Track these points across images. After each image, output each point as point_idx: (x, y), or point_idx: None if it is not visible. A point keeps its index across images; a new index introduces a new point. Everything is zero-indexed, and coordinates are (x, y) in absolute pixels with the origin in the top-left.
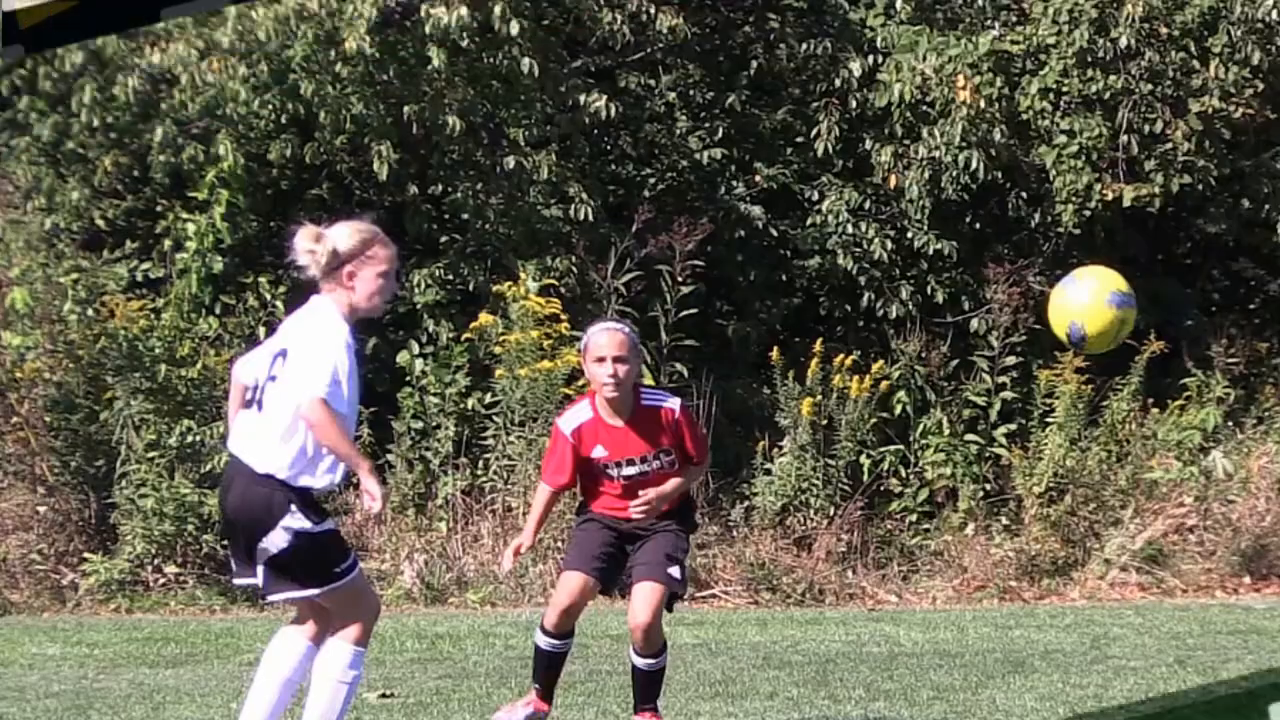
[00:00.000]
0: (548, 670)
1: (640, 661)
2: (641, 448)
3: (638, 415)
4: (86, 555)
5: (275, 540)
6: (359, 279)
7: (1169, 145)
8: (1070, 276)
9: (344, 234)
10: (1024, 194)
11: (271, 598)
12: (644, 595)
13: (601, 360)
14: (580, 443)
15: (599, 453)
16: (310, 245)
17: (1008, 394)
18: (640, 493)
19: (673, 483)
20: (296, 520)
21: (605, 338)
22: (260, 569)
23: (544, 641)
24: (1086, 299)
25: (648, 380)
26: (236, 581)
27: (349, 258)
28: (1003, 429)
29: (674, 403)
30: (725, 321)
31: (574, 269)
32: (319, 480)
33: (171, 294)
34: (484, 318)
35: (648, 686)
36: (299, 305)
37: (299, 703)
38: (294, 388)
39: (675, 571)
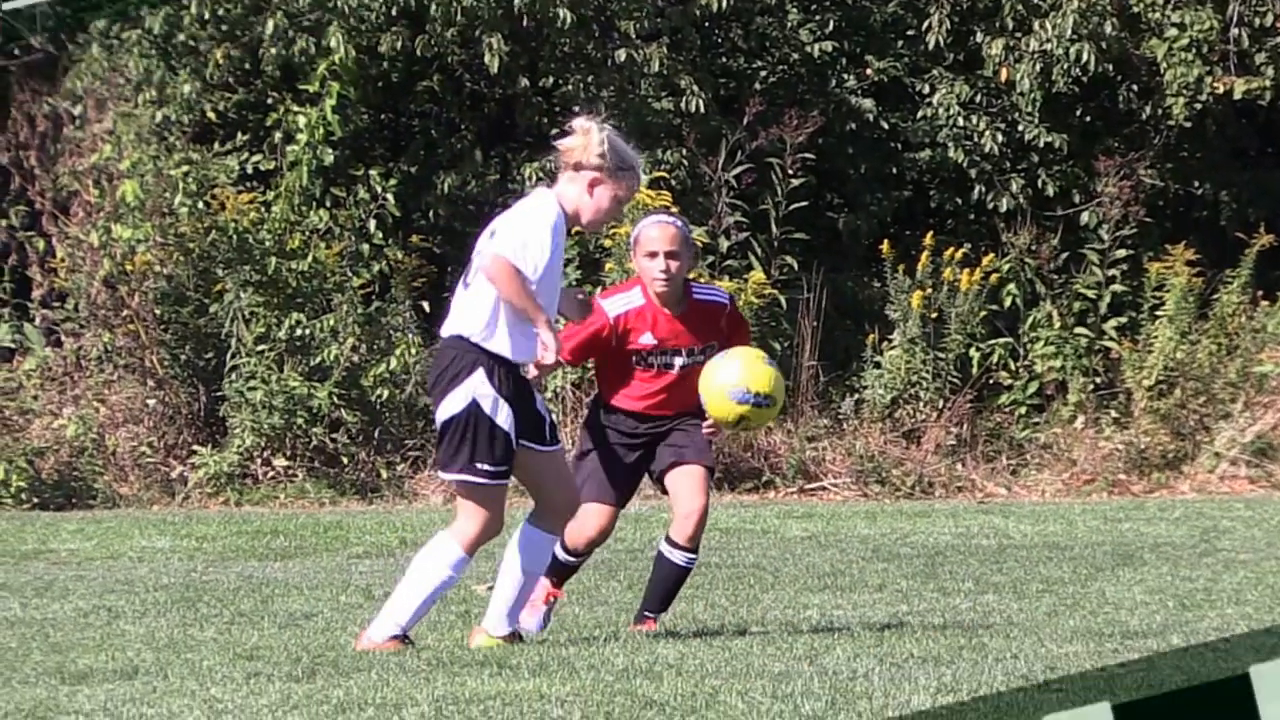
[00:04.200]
0: (563, 572)
1: (680, 556)
2: (691, 340)
3: (690, 310)
4: (195, 448)
5: (451, 404)
6: (598, 192)
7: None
8: (713, 363)
9: (614, 144)
10: (1134, 87)
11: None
12: (693, 479)
13: (654, 255)
14: (626, 330)
15: (646, 340)
16: (586, 133)
17: (1118, 287)
18: (671, 395)
19: None
20: (481, 384)
21: (657, 231)
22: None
23: (564, 556)
24: (736, 374)
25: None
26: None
27: (604, 167)
28: (1113, 322)
29: (724, 297)
30: (835, 214)
31: (684, 161)
32: (504, 345)
33: (282, 187)
34: None
35: (672, 589)
36: (412, 197)
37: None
38: (487, 251)
39: (712, 456)
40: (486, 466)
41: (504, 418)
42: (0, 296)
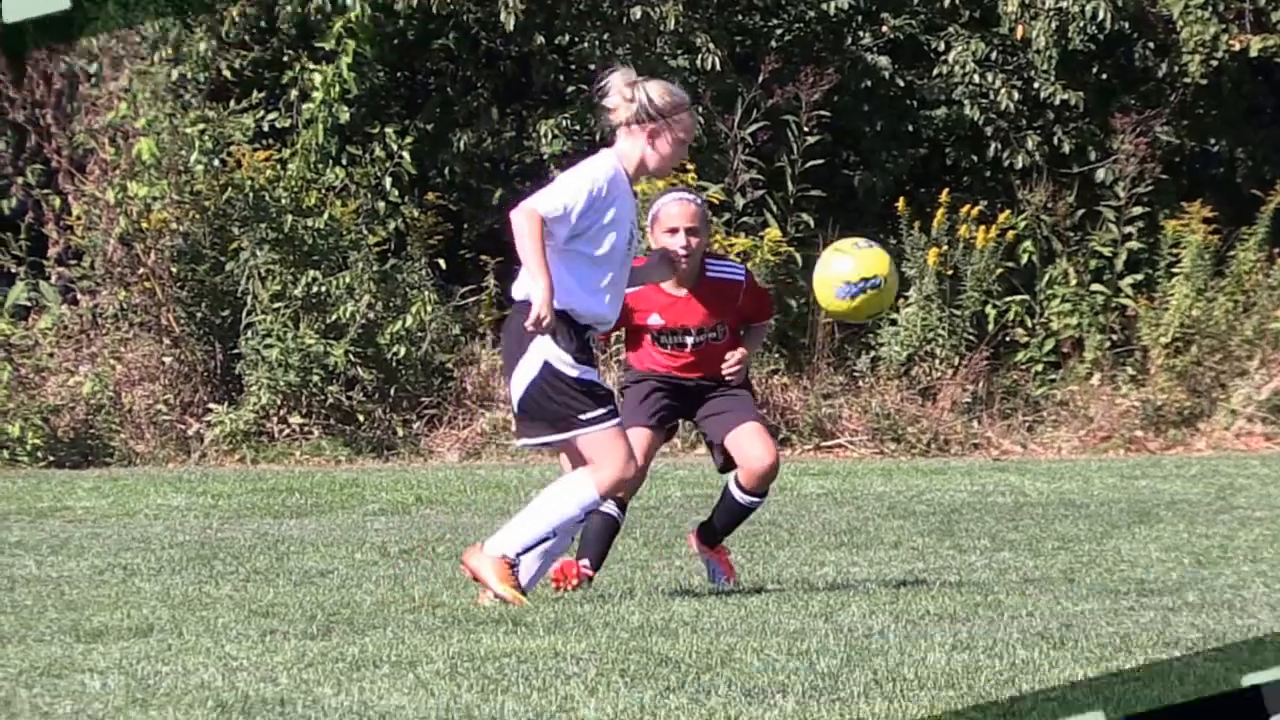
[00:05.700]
0: (601, 542)
1: (745, 498)
2: (700, 319)
3: (702, 287)
4: (211, 406)
5: (525, 372)
6: (660, 139)
7: None
8: (830, 250)
9: (659, 90)
10: (1151, 44)
11: (523, 442)
12: (758, 434)
13: (674, 231)
14: (631, 309)
15: (654, 321)
16: (626, 91)
17: (1134, 244)
18: (692, 368)
19: (748, 347)
20: (549, 346)
21: (678, 208)
22: (514, 410)
23: (611, 508)
24: (851, 266)
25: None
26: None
27: (658, 115)
28: (1129, 279)
29: (740, 273)
30: (851, 172)
31: (700, 119)
32: (567, 301)
33: (298, 144)
34: None
35: (735, 524)
36: (428, 155)
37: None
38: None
39: (758, 410)
40: (585, 415)
41: (580, 371)
42: (16, 254)
